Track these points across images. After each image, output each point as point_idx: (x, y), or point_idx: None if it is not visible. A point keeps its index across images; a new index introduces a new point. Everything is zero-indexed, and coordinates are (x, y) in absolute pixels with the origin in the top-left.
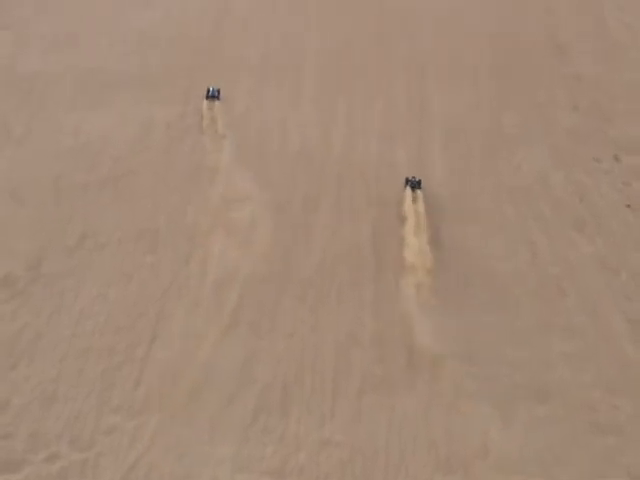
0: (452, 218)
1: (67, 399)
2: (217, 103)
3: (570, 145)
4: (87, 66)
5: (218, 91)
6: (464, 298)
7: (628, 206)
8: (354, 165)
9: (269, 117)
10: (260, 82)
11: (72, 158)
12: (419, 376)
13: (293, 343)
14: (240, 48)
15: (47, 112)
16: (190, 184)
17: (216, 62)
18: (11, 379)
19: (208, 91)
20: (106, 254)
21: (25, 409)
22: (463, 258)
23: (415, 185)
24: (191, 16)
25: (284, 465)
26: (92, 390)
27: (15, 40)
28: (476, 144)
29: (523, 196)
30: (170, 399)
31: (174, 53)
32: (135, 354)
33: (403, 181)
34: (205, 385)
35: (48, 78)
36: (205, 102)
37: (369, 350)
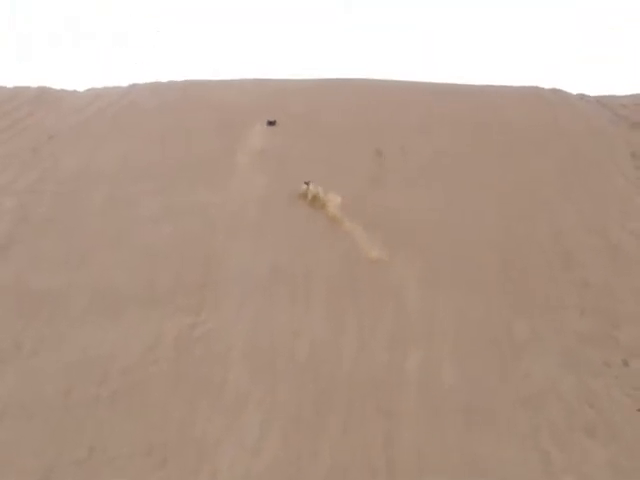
0: (462, 426)
1: None
2: None
3: (580, 349)
4: (96, 283)
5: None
6: None
7: (639, 410)
8: (364, 372)
9: (279, 327)
10: (270, 292)
11: (81, 372)
12: None
13: None
14: (250, 259)
15: (56, 328)
16: (199, 394)
17: (227, 274)
18: None
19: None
20: (115, 468)
21: None
22: (475, 464)
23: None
24: (201, 230)
25: None
26: None
27: (27, 256)
28: (487, 351)
29: (535, 403)
30: None
31: (184, 268)
32: None
33: (412, 388)
34: None
35: (58, 295)
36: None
37: None
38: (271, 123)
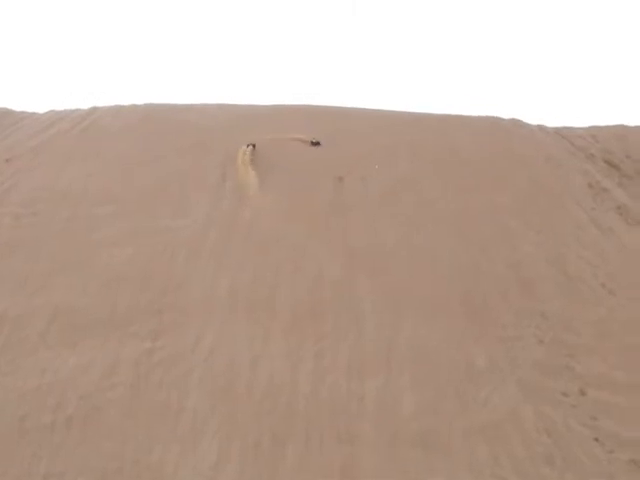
0: (421, 453)
1: None
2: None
3: (537, 379)
4: (55, 306)
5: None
6: None
7: (596, 440)
8: (322, 399)
9: (238, 353)
10: (230, 317)
11: (38, 398)
12: None
13: None
14: (210, 284)
15: (13, 352)
16: (156, 421)
17: (186, 298)
18: None
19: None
20: None
21: None
22: None
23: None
24: (162, 254)
25: None
26: None
27: None
28: (445, 379)
29: (493, 431)
30: None
31: (143, 292)
32: None
33: (370, 416)
34: None
35: (16, 319)
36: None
37: None
38: (315, 144)
